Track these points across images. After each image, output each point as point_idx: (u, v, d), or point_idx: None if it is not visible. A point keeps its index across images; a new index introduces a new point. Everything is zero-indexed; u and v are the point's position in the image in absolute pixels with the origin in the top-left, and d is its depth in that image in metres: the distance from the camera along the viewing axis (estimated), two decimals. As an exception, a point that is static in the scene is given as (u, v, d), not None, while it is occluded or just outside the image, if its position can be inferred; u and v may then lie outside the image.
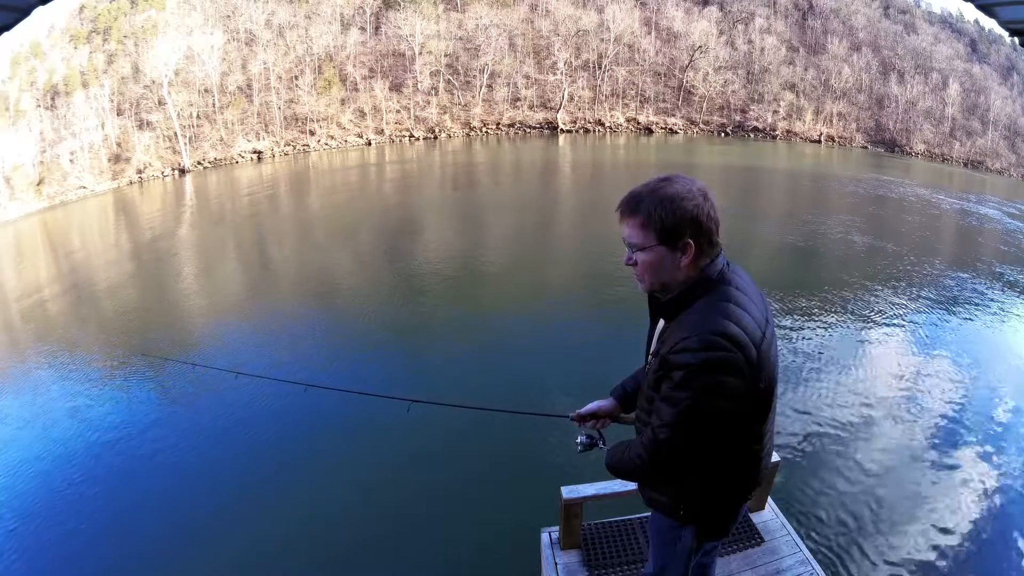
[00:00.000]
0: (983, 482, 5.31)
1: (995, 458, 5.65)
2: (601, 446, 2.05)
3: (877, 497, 5.04)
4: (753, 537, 3.17)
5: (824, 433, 5.98)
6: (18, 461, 6.18)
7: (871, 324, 9.04)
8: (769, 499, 3.38)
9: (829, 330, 8.73)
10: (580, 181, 26.25)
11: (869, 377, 7.29)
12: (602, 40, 44.01)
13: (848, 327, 8.88)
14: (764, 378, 1.48)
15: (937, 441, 5.95)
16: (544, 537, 3.23)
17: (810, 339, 8.36)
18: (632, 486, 2.57)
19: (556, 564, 3.06)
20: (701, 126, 43.87)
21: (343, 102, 39.70)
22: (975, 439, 5.98)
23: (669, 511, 1.75)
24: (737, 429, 1.53)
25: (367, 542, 4.66)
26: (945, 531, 4.68)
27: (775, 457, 2.90)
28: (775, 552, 3.09)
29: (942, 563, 4.37)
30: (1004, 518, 4.87)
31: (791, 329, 8.55)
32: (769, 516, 3.33)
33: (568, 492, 3.01)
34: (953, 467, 5.53)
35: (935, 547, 4.50)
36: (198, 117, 35.49)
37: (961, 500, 5.06)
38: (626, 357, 2.45)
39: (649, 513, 1.92)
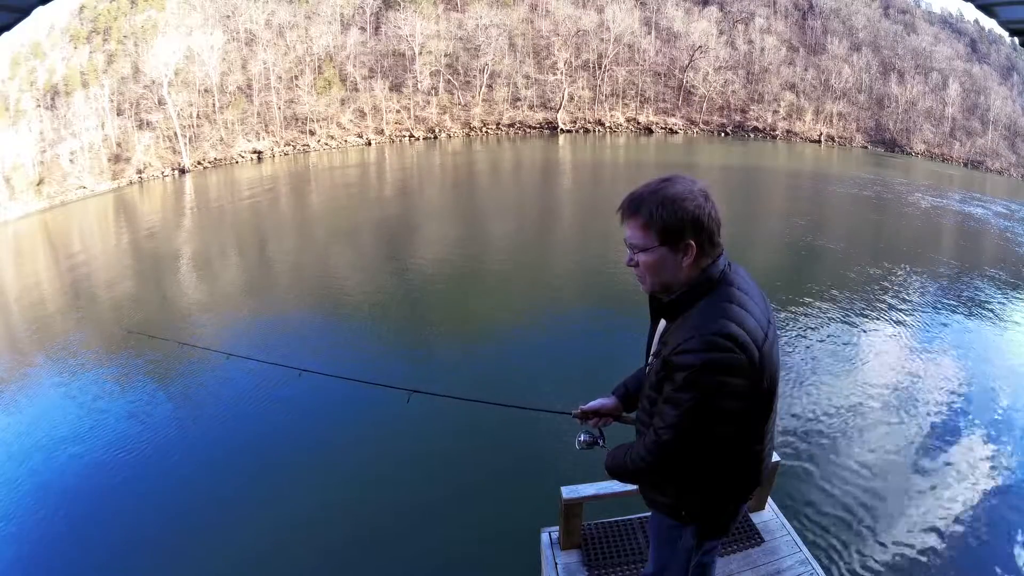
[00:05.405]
0: (982, 482, 5.31)
1: (994, 458, 5.66)
2: (601, 444, 2.05)
3: (877, 497, 5.04)
4: (753, 537, 3.17)
5: (824, 433, 5.98)
6: (16, 460, 6.18)
7: (870, 324, 9.04)
8: (769, 499, 3.38)
9: (828, 330, 8.73)
10: (580, 181, 26.23)
11: (868, 377, 7.29)
12: (602, 40, 44.00)
13: (847, 327, 8.88)
14: (766, 378, 1.48)
15: (937, 441, 5.96)
16: (544, 537, 3.23)
17: (809, 339, 8.36)
18: (632, 486, 2.57)
19: (556, 564, 3.06)
20: (701, 126, 43.86)
21: (343, 102, 39.69)
22: (974, 439, 5.98)
23: (670, 511, 1.75)
24: (740, 429, 1.52)
25: (367, 542, 4.66)
26: (944, 531, 4.68)
27: (775, 457, 2.90)
28: (775, 552, 3.09)
29: (942, 563, 4.37)
30: (1004, 518, 4.87)
31: (790, 329, 8.55)
32: (769, 516, 3.33)
33: (568, 492, 3.00)
34: (953, 467, 5.53)
35: (934, 547, 4.50)
36: (198, 117, 35.47)
37: (961, 500, 5.06)
38: (627, 357, 2.44)
39: (649, 513, 1.92)
